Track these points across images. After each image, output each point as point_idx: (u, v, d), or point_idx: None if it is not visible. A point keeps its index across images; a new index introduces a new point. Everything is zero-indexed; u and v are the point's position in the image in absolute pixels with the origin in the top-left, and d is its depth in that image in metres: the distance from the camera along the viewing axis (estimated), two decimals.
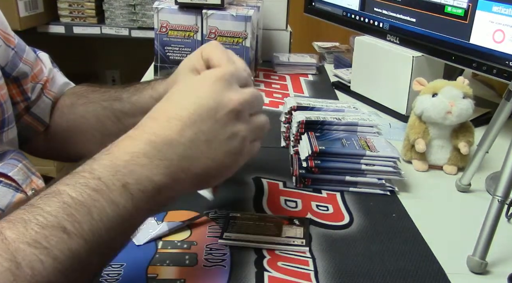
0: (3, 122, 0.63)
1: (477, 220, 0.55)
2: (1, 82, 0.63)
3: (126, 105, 0.70)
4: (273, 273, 0.51)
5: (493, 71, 0.80)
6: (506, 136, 0.66)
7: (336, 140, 0.70)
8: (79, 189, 0.39)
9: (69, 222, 0.37)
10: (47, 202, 0.38)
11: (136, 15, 1.95)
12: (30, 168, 0.67)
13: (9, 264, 0.34)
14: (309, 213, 0.63)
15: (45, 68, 0.76)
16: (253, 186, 0.69)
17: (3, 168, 0.62)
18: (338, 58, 1.29)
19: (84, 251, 0.37)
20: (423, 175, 0.75)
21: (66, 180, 0.40)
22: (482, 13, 0.80)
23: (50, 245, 0.36)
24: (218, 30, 1.05)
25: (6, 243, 0.35)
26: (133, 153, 0.42)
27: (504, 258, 0.56)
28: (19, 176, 0.63)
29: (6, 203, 0.60)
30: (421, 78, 0.78)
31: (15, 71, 0.68)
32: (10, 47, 0.68)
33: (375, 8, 1.02)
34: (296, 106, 0.78)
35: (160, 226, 0.57)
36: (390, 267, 0.53)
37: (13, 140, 0.67)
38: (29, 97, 0.72)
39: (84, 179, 0.40)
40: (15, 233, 0.36)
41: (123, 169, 0.41)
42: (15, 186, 0.62)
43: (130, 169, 0.41)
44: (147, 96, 0.69)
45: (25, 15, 1.86)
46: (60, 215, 0.37)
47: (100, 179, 0.40)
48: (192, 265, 0.52)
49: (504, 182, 0.53)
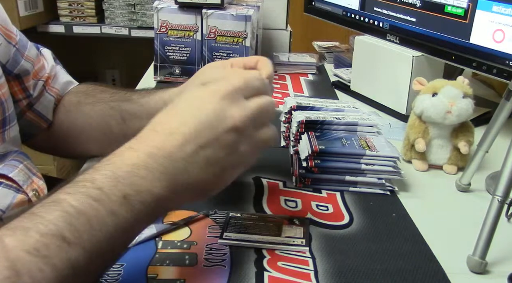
0: (5, 121, 0.63)
1: (477, 219, 0.55)
2: (1, 81, 0.63)
3: (134, 106, 0.70)
4: (273, 273, 0.51)
5: (493, 71, 0.79)
6: (506, 136, 0.66)
7: (336, 140, 0.70)
8: (80, 198, 0.39)
9: (69, 231, 0.37)
10: (48, 210, 0.38)
11: (136, 14, 1.95)
12: (31, 168, 0.67)
13: (9, 272, 0.34)
14: (309, 212, 0.63)
15: (47, 65, 0.75)
16: (253, 186, 0.69)
17: (4, 169, 0.62)
18: (338, 57, 1.29)
19: (83, 259, 0.37)
20: (423, 174, 0.75)
21: (67, 188, 0.40)
22: (482, 13, 0.80)
23: (49, 254, 0.36)
24: (218, 30, 1.05)
25: (6, 251, 0.35)
26: (133, 165, 0.42)
27: (504, 258, 0.56)
28: (20, 177, 0.63)
29: (7, 204, 0.60)
30: (421, 78, 0.78)
31: (17, 69, 0.68)
32: (12, 44, 0.67)
33: (375, 8, 1.02)
34: (296, 106, 0.78)
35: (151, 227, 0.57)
36: (390, 267, 0.53)
37: (15, 138, 0.67)
38: (31, 94, 0.71)
39: (85, 188, 0.40)
40: (15, 240, 0.36)
41: (124, 180, 0.41)
42: (16, 187, 0.62)
43: (131, 180, 0.41)
44: (157, 98, 0.69)
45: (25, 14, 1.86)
46: (60, 224, 0.37)
47: (101, 189, 0.40)
48: (192, 265, 0.52)
49: (504, 182, 0.53)
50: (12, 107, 0.66)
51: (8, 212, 0.59)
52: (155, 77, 1.11)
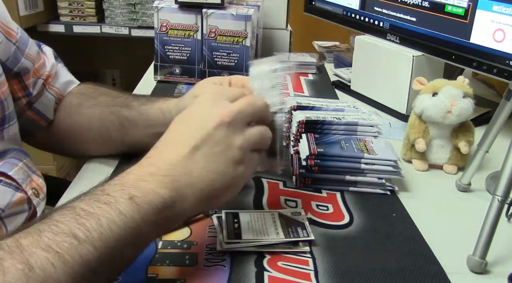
0: (4, 119, 0.63)
1: (477, 219, 0.55)
2: (1, 79, 0.63)
3: (134, 113, 0.71)
4: (273, 273, 0.51)
5: (493, 71, 0.79)
6: (506, 136, 0.66)
7: (334, 143, 0.70)
8: (90, 203, 0.42)
9: (79, 230, 0.39)
10: (61, 215, 0.41)
11: (136, 14, 1.95)
12: (31, 166, 0.67)
13: (22, 266, 0.36)
14: (309, 212, 0.63)
15: (48, 63, 0.75)
16: (253, 185, 0.69)
17: (4, 167, 0.62)
18: (338, 57, 1.29)
19: (94, 258, 0.39)
20: (423, 174, 0.75)
21: (80, 198, 0.43)
22: (483, 13, 0.80)
23: (61, 250, 0.38)
24: (218, 30, 1.05)
25: (21, 248, 0.37)
26: (138, 173, 0.46)
27: (504, 257, 0.56)
28: (19, 175, 0.63)
29: (6, 203, 0.60)
30: (421, 78, 0.78)
31: (17, 67, 0.68)
32: (12, 41, 0.67)
33: (375, 7, 1.02)
34: (296, 105, 0.78)
35: None
36: (390, 267, 0.53)
37: (14, 136, 0.67)
38: (30, 92, 0.71)
39: (95, 196, 0.43)
40: (29, 240, 0.38)
41: (130, 185, 0.44)
42: (15, 185, 0.62)
43: (137, 184, 0.45)
44: (156, 108, 0.70)
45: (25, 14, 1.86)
46: (72, 224, 0.40)
47: (109, 194, 0.43)
48: (192, 265, 0.52)
49: (504, 182, 0.53)
50: (12, 106, 0.66)
51: (7, 210, 0.60)
52: (155, 76, 1.11)
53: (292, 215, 0.60)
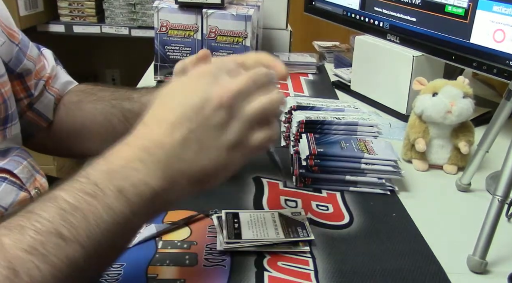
0: (7, 119, 0.63)
1: (477, 219, 0.55)
2: (5, 79, 0.63)
3: (135, 105, 0.70)
4: (273, 273, 0.51)
5: (493, 71, 0.79)
6: (506, 136, 0.66)
7: (334, 143, 0.70)
8: (74, 194, 0.39)
9: (65, 227, 0.37)
10: (43, 208, 0.38)
11: (136, 14, 1.95)
12: (35, 165, 0.68)
13: (7, 271, 0.34)
14: (309, 212, 0.63)
15: (48, 65, 0.76)
16: (253, 185, 0.69)
17: (9, 164, 0.62)
18: (338, 57, 1.29)
19: (81, 256, 0.37)
20: (423, 174, 0.75)
21: (62, 185, 0.40)
22: (483, 13, 0.80)
23: (47, 252, 0.36)
24: (218, 30, 1.05)
25: (4, 250, 0.35)
26: (127, 159, 0.42)
27: (504, 257, 0.56)
28: (24, 174, 0.63)
29: (10, 202, 0.60)
30: (421, 78, 0.78)
31: (19, 68, 0.68)
32: (14, 43, 0.67)
33: (375, 7, 1.02)
34: (296, 106, 0.78)
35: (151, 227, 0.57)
36: (390, 267, 0.53)
37: (16, 136, 0.67)
38: (32, 93, 0.72)
39: (80, 184, 0.40)
40: (12, 239, 0.36)
41: (118, 174, 0.41)
42: (19, 184, 0.62)
43: (126, 174, 0.41)
44: None
45: (25, 14, 1.86)
46: (56, 221, 0.37)
47: (96, 184, 0.40)
48: (192, 265, 0.52)
49: (504, 182, 0.53)
50: (15, 105, 0.66)
51: (10, 209, 0.60)
52: (155, 77, 1.11)
53: (292, 215, 0.60)
